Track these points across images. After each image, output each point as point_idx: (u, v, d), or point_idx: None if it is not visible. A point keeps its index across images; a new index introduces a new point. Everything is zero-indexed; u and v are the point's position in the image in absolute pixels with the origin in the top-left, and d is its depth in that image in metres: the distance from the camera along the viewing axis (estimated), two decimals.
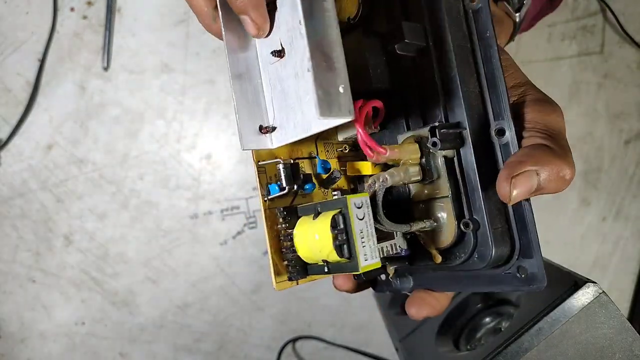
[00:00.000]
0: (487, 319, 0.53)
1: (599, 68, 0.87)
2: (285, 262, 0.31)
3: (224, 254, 0.82)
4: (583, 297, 0.37)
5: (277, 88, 0.28)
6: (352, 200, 0.27)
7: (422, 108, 0.31)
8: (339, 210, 0.28)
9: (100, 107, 0.77)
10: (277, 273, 0.30)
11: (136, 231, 0.80)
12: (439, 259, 0.31)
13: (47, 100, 0.76)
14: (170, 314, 0.82)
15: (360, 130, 0.28)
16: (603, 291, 0.37)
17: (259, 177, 0.30)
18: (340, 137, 0.34)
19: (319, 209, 0.29)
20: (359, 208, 0.28)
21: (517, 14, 0.44)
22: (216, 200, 0.80)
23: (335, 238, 0.27)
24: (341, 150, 0.35)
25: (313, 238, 0.29)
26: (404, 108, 0.32)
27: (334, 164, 0.34)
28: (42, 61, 0.75)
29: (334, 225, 0.28)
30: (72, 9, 0.76)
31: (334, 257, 0.28)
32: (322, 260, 0.29)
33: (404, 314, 0.68)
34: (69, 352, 0.81)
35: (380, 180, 0.30)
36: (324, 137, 0.34)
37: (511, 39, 0.47)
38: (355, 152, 0.35)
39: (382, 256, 0.30)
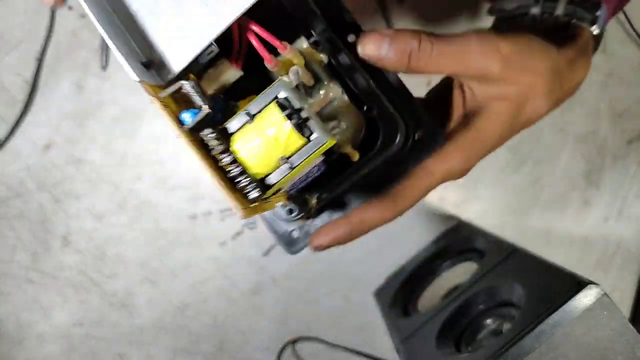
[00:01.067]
0: (489, 321, 0.53)
1: (602, 67, 0.86)
2: (239, 187, 0.27)
3: (223, 254, 0.81)
4: (585, 298, 0.37)
5: (153, 7, 0.28)
6: (284, 80, 0.27)
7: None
8: (275, 98, 0.27)
9: (98, 107, 0.77)
10: (237, 199, 0.27)
11: (135, 232, 0.79)
12: (356, 155, 0.32)
13: (45, 99, 0.76)
14: (169, 315, 0.82)
15: (256, 28, 0.29)
16: (605, 293, 0.37)
17: (165, 111, 0.27)
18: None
19: (251, 111, 0.27)
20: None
21: (594, 26, 0.38)
22: (215, 200, 0.80)
23: (290, 117, 0.26)
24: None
25: (264, 136, 0.27)
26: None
27: None
28: (40, 60, 0.75)
29: (283, 107, 0.27)
30: (69, 8, 0.75)
31: (293, 143, 0.27)
32: (281, 159, 0.27)
33: (405, 315, 0.67)
34: (67, 354, 0.81)
35: (293, 73, 0.29)
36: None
37: (596, 49, 0.41)
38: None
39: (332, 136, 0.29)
